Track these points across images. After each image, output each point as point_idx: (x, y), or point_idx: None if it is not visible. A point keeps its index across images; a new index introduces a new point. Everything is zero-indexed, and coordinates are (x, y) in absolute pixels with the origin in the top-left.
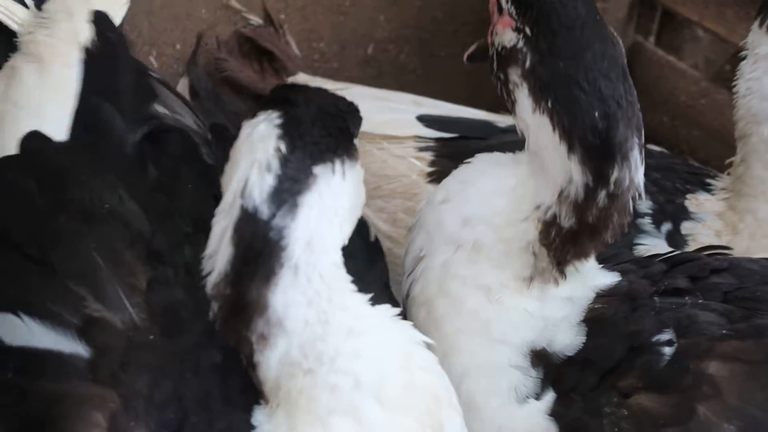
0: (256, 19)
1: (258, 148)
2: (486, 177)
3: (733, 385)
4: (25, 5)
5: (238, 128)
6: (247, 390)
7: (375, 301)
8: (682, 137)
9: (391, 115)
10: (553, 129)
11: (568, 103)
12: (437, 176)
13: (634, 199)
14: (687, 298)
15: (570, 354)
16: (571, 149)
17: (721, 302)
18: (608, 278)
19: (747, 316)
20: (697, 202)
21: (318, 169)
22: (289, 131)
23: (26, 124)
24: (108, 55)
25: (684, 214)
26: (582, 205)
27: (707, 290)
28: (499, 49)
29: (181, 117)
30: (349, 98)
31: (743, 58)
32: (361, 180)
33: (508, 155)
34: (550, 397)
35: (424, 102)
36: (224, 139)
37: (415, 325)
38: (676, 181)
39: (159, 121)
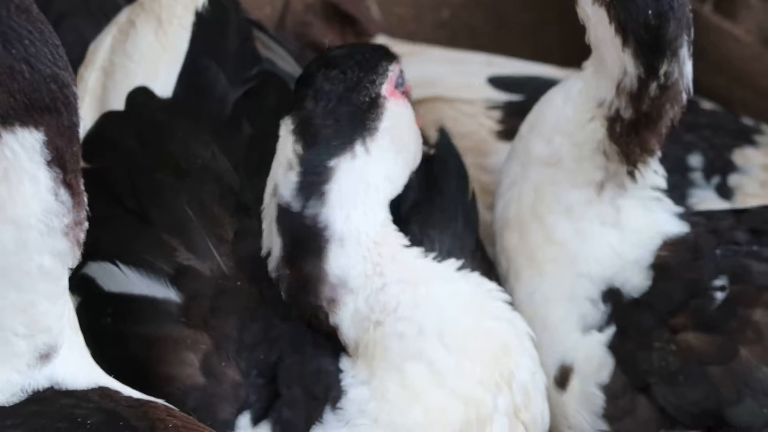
0: None
1: (280, 151)
2: (558, 92)
3: None
4: None
5: None
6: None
7: (465, 257)
8: (737, 98)
9: (462, 78)
10: (610, 22)
11: None
12: (506, 133)
13: (685, 91)
14: (744, 246)
15: (636, 296)
16: (625, 43)
17: None
18: (677, 227)
19: None
20: (744, 156)
21: (335, 161)
22: (302, 133)
23: (137, 79)
24: (220, 20)
25: (731, 168)
26: (637, 95)
27: (764, 239)
28: None
29: (281, 65)
30: (425, 63)
31: None
32: (404, 127)
33: (572, 74)
34: (611, 331)
35: (496, 61)
36: None
37: (505, 247)
38: (725, 138)
39: (260, 78)
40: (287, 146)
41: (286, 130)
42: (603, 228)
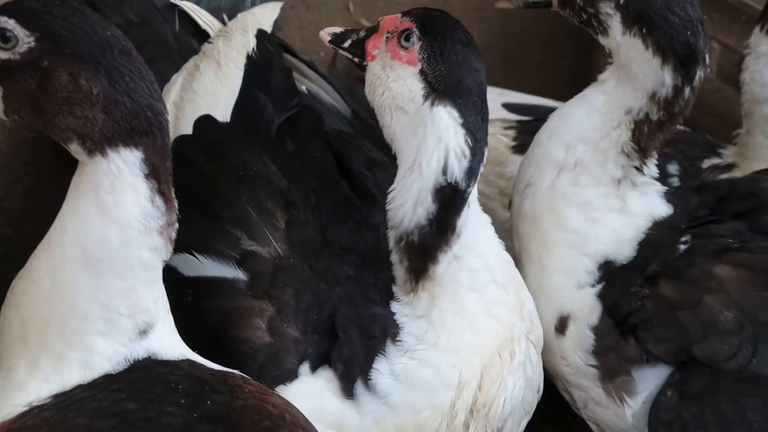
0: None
1: (449, 138)
2: (579, 106)
3: (736, 284)
4: (223, 22)
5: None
6: (381, 291)
7: None
8: (700, 123)
9: None
10: (646, 47)
11: (665, 26)
12: (519, 148)
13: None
14: (706, 217)
15: (624, 263)
16: (665, 61)
17: (731, 220)
18: (664, 209)
19: (755, 237)
20: (711, 164)
21: (485, 150)
22: (468, 128)
23: (202, 110)
24: (266, 61)
25: (702, 173)
26: (671, 100)
27: (719, 211)
28: None
29: (325, 97)
30: None
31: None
32: None
33: (588, 89)
34: (601, 285)
35: (508, 93)
36: (358, 116)
37: (519, 233)
38: (696, 150)
39: (298, 108)
40: (458, 136)
41: (452, 119)
42: (611, 215)
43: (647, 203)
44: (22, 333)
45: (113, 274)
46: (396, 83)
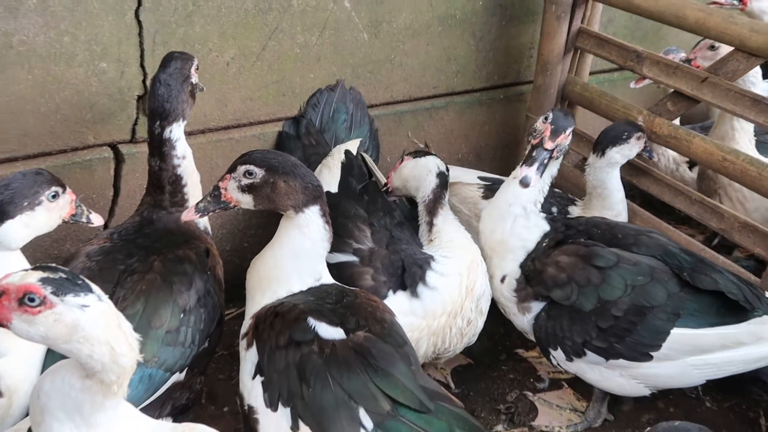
0: (422, 146)
1: (432, 170)
2: (516, 186)
3: (567, 263)
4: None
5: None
6: (418, 248)
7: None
8: (565, 187)
9: (467, 175)
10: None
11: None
12: (485, 196)
13: None
14: (562, 233)
15: (531, 252)
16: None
17: (579, 232)
18: (548, 227)
19: (582, 237)
20: (572, 209)
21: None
22: (438, 175)
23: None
24: (350, 163)
25: (568, 213)
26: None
27: (573, 230)
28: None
29: (379, 177)
30: (454, 171)
31: (587, 165)
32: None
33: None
34: (523, 262)
35: (479, 171)
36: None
37: (492, 246)
38: (564, 202)
39: (368, 181)
40: (437, 168)
41: (435, 161)
42: (534, 228)
43: (542, 223)
44: (259, 283)
45: (307, 259)
46: None
